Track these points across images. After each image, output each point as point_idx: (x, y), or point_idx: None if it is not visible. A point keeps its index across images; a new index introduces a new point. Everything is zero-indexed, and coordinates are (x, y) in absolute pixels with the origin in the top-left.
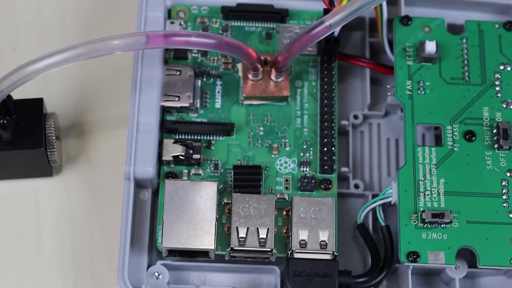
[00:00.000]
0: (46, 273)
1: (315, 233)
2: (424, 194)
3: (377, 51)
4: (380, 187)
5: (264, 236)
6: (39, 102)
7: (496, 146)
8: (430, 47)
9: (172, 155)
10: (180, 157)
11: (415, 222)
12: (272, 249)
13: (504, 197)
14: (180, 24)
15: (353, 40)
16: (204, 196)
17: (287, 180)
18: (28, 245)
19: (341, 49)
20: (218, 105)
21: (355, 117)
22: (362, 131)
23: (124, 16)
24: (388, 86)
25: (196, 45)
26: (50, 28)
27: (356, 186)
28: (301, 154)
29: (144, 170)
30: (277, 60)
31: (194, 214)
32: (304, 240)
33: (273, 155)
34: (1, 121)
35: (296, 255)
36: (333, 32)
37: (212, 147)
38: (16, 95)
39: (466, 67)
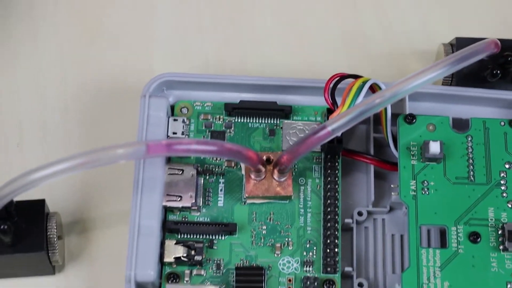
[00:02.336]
0: None
1: None
2: None
3: (381, 145)
4: (385, 285)
5: None
6: (40, 203)
7: (501, 247)
8: (434, 148)
9: (174, 256)
10: (182, 258)
11: None
12: None
13: None
14: (183, 121)
15: (358, 134)
16: None
17: (290, 281)
18: None
19: (345, 144)
20: (220, 203)
21: (359, 213)
22: (366, 226)
23: (127, 107)
24: (392, 186)
25: (197, 152)
26: (54, 119)
27: (360, 285)
28: (304, 253)
29: (145, 273)
30: (280, 162)
31: None
32: None
33: (276, 255)
34: (1, 227)
35: None
36: None
37: (214, 247)
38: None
39: (471, 166)
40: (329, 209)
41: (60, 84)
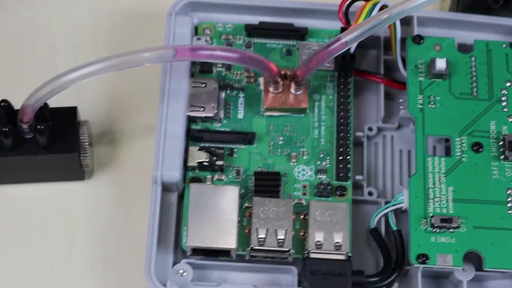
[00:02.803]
0: (77, 270)
1: (330, 235)
2: (434, 201)
3: (391, 68)
4: (393, 194)
5: (282, 237)
6: (73, 110)
7: (502, 157)
8: (440, 64)
9: (197, 161)
10: (205, 163)
11: (424, 226)
12: (289, 249)
13: (509, 204)
14: (206, 41)
15: (369, 58)
16: (226, 199)
17: (304, 187)
18: (60, 244)
19: (357, 66)
20: (240, 115)
21: (370, 129)
22: (376, 142)
23: (153, 33)
24: (400, 100)
25: (221, 58)
26: (83, 43)
27: (370, 194)
28: (318, 162)
29: (171, 174)
30: (296, 74)
31: (217, 215)
32: (320, 242)
33: (291, 163)
34: (38, 127)
35: (312, 256)
36: (349, 49)
37: (234, 155)
38: (53, 104)
39: (475, 84)
40: (341, 121)
41: (90, 9)
